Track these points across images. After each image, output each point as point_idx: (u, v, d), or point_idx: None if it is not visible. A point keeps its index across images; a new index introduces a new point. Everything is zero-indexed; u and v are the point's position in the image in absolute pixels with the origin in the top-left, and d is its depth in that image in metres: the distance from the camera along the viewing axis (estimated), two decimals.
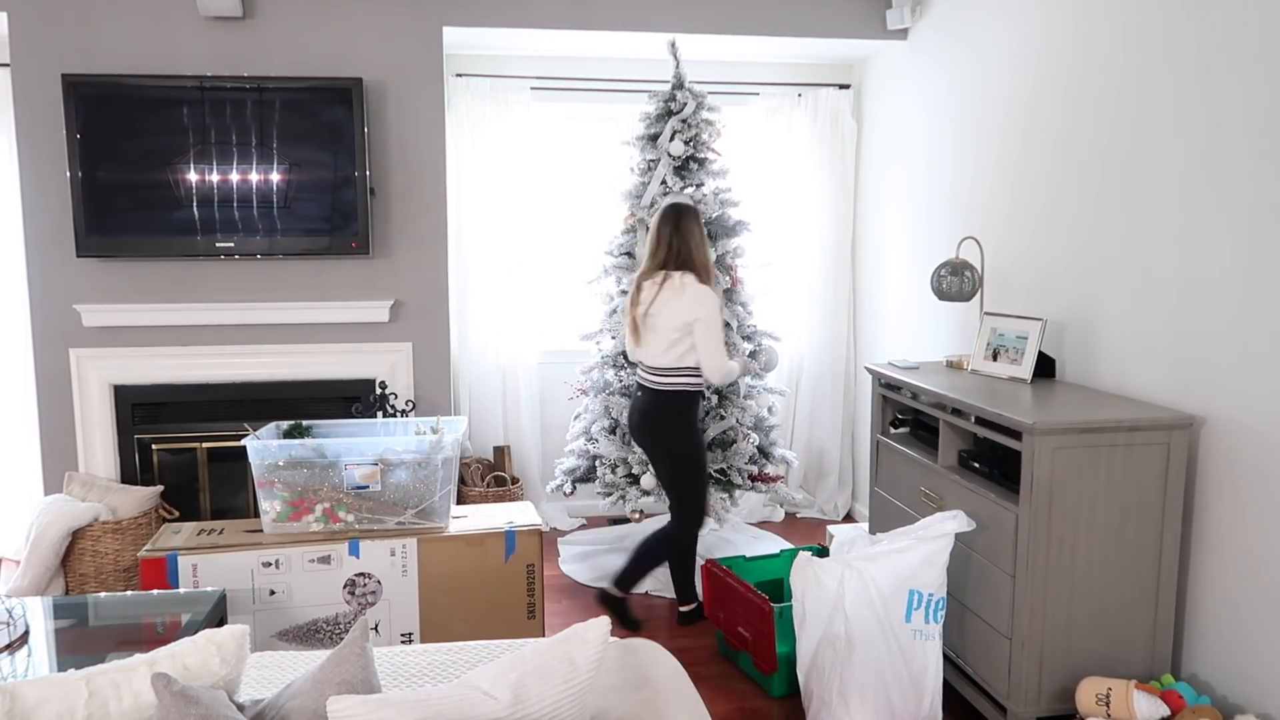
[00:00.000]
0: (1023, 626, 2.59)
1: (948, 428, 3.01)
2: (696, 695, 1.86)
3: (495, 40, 4.34)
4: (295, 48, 3.99)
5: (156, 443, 4.10)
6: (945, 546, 2.70)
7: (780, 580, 3.54)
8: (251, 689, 1.99)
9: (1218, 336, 2.58)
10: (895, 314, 4.52)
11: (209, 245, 3.88)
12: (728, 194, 4.16)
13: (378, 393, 4.01)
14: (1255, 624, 2.48)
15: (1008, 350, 3.19)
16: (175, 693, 1.39)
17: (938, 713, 2.75)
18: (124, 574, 3.72)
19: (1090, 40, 3.08)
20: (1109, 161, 2.99)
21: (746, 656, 3.24)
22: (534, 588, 3.29)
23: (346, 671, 1.51)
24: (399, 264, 4.16)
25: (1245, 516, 2.51)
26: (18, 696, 1.45)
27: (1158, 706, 2.43)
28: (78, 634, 2.45)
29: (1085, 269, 3.11)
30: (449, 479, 3.27)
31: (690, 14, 4.21)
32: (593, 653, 1.52)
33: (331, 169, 3.93)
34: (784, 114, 4.82)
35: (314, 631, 3.16)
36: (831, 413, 4.96)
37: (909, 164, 4.33)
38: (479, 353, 4.71)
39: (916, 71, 4.25)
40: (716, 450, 4.07)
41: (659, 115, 4.09)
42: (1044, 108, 3.32)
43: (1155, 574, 2.64)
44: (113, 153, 3.80)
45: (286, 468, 3.15)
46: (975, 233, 3.70)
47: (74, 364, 3.96)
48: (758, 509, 4.90)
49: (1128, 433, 2.56)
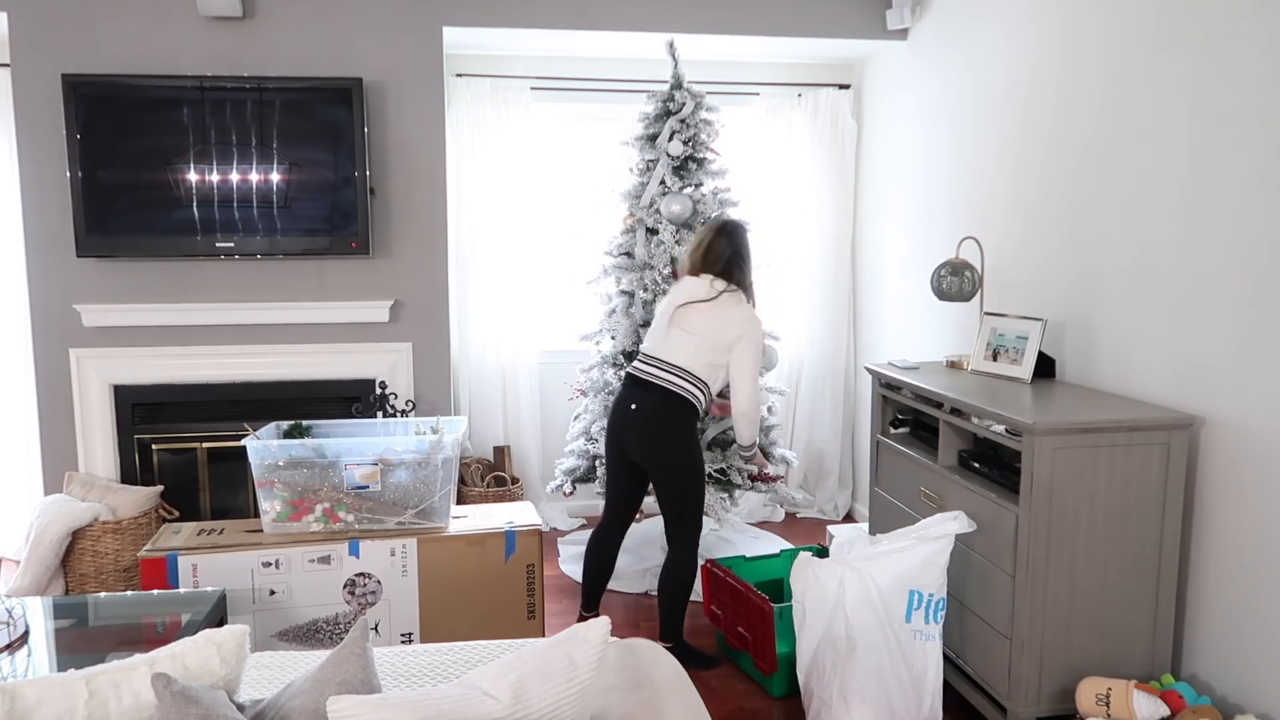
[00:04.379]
0: (1023, 626, 2.59)
1: (948, 428, 3.01)
2: (696, 695, 1.86)
3: (495, 40, 4.34)
4: (295, 48, 3.99)
5: (156, 443, 4.10)
6: (945, 547, 2.70)
7: (780, 580, 3.54)
8: (251, 689, 1.99)
9: (1218, 336, 2.58)
10: (895, 314, 4.52)
11: (209, 245, 3.88)
12: (727, 194, 4.16)
13: (378, 393, 4.01)
14: (1255, 624, 2.48)
15: (1008, 350, 3.19)
16: (175, 693, 1.39)
17: (938, 713, 2.75)
18: (124, 574, 3.72)
19: (1091, 39, 3.08)
20: (1109, 161, 2.99)
21: (746, 656, 3.24)
22: (534, 588, 3.29)
23: (346, 671, 1.51)
24: (399, 264, 4.16)
25: (1245, 516, 2.51)
26: (18, 696, 1.45)
27: (1158, 706, 2.43)
28: (78, 634, 2.45)
29: (1085, 269, 3.11)
30: (449, 479, 3.27)
31: (690, 14, 4.21)
32: (593, 653, 1.52)
33: (331, 169, 3.93)
34: (784, 114, 4.82)
35: (314, 631, 3.16)
36: (831, 413, 4.96)
37: (909, 164, 4.33)
38: (479, 353, 4.71)
39: (917, 72, 4.25)
40: (716, 450, 4.07)
41: (657, 115, 4.09)
42: (1044, 107, 3.32)
43: (1155, 574, 2.64)
44: (113, 153, 3.80)
45: (286, 468, 3.15)
46: (975, 233, 3.70)
47: (74, 364, 3.96)
48: (758, 509, 4.90)
49: (1128, 433, 2.56)
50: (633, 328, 4.04)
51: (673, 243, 3.98)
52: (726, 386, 3.32)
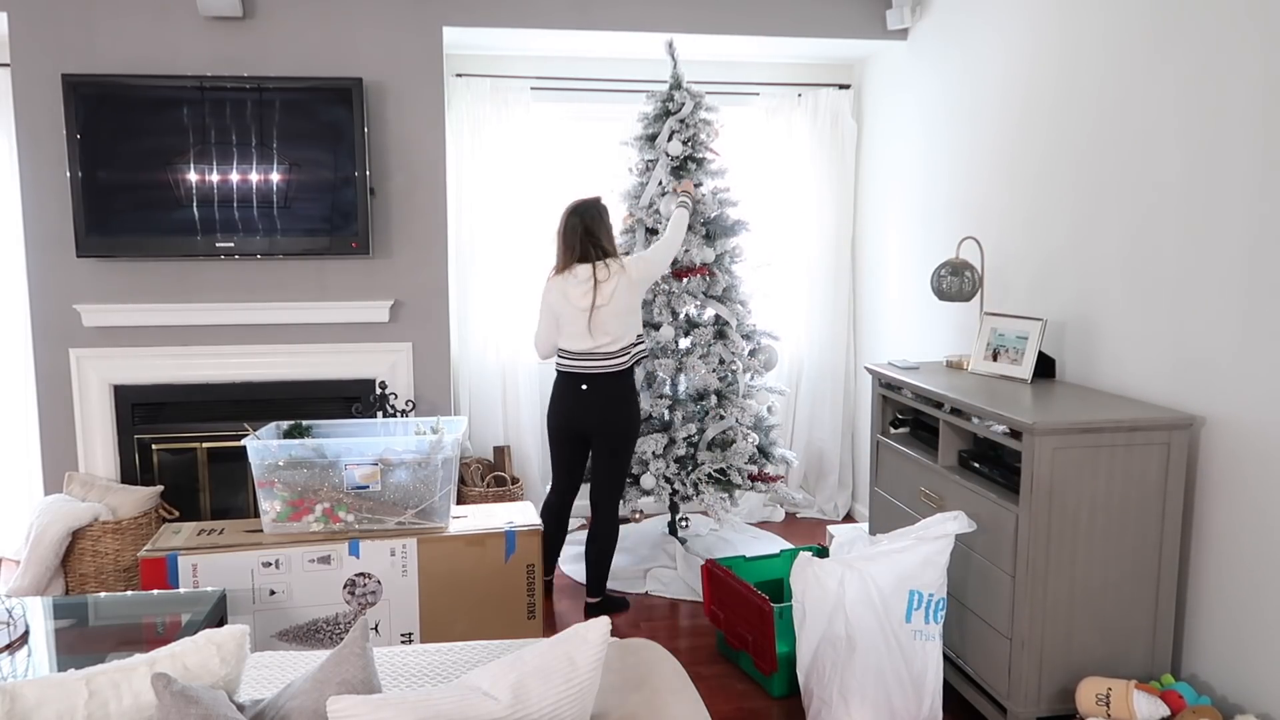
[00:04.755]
0: (1023, 626, 2.59)
1: (948, 428, 3.01)
2: (696, 695, 1.86)
3: (495, 40, 4.34)
4: (295, 48, 3.99)
5: (156, 443, 4.10)
6: (945, 547, 2.70)
7: (780, 580, 3.54)
8: (251, 689, 1.99)
9: (1218, 336, 2.58)
10: (895, 314, 4.52)
11: (209, 245, 3.88)
12: (726, 194, 4.16)
13: (378, 393, 4.01)
14: (1255, 624, 2.48)
15: (1008, 350, 3.19)
16: (175, 693, 1.39)
17: (938, 713, 2.75)
18: (124, 574, 3.72)
19: (1091, 39, 3.08)
20: (1109, 160, 2.99)
21: (746, 656, 3.24)
22: (534, 588, 3.29)
23: (346, 671, 1.51)
24: (399, 264, 4.16)
25: (1245, 516, 2.51)
26: (18, 696, 1.45)
27: (1158, 706, 2.43)
28: (78, 634, 2.45)
29: (1085, 269, 3.11)
30: (449, 479, 3.27)
31: (690, 14, 4.21)
32: (593, 653, 1.52)
33: (331, 169, 3.93)
34: (784, 114, 4.82)
35: (314, 631, 3.16)
36: (831, 413, 4.96)
37: (909, 164, 4.33)
38: (479, 353, 4.71)
39: (917, 71, 4.25)
40: (716, 450, 4.07)
41: (657, 115, 4.09)
42: (1044, 107, 3.32)
43: (1155, 574, 2.64)
44: (113, 153, 3.80)
45: (286, 468, 3.15)
46: (975, 232, 3.71)
47: (74, 364, 3.96)
48: (758, 509, 4.90)
49: (1128, 433, 2.56)
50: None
51: None
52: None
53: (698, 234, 4.06)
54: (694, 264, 4.06)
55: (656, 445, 4.01)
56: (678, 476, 4.03)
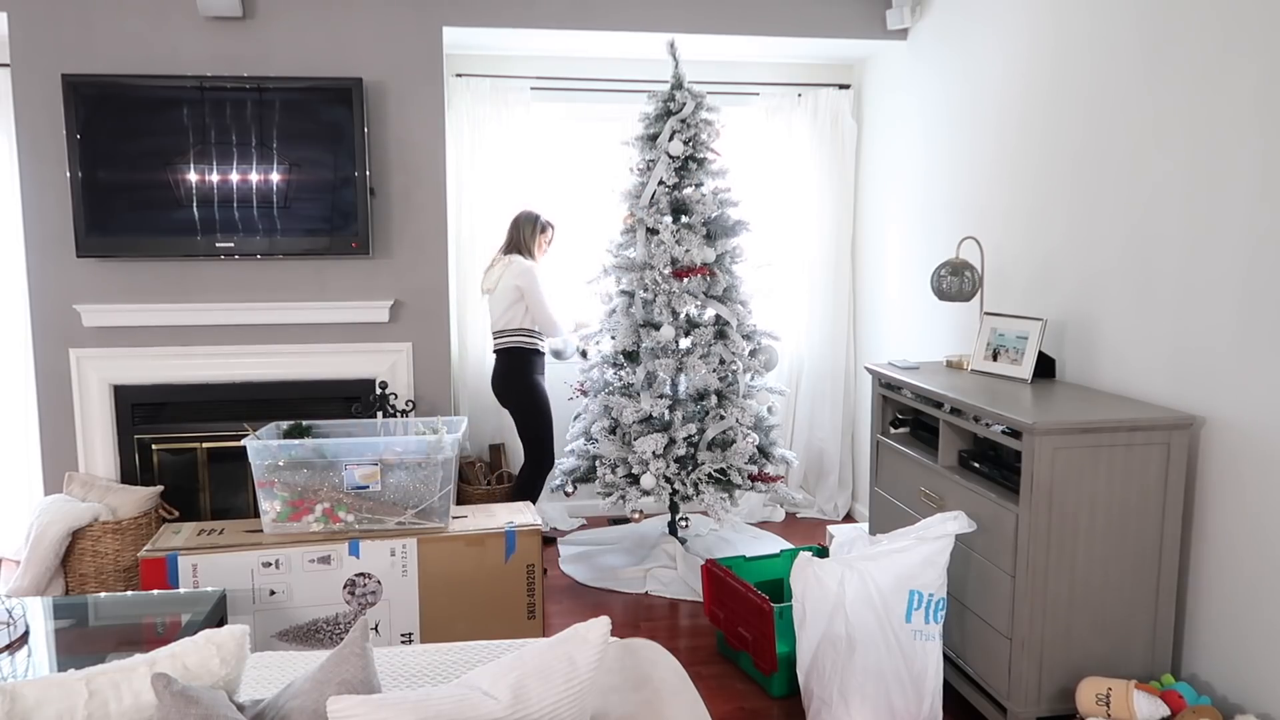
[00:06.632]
0: (1023, 626, 2.59)
1: (948, 428, 3.01)
2: (696, 695, 1.86)
3: (495, 40, 4.34)
4: (295, 48, 3.99)
5: (156, 443, 4.10)
6: (945, 547, 2.70)
7: (780, 580, 3.54)
8: (251, 689, 1.99)
9: (1218, 336, 2.58)
10: (895, 314, 4.52)
11: (209, 245, 3.88)
12: (727, 194, 4.15)
13: (378, 393, 4.01)
14: (1255, 624, 2.48)
15: (1008, 350, 3.19)
16: (175, 693, 1.39)
17: (938, 713, 2.75)
18: (124, 574, 3.72)
19: (1091, 39, 3.08)
20: (1110, 160, 2.99)
21: (746, 656, 3.24)
22: (534, 588, 3.30)
23: (346, 671, 1.51)
24: (399, 264, 4.16)
25: (1245, 516, 2.51)
26: (18, 696, 1.45)
27: (1158, 706, 2.43)
28: (78, 634, 2.45)
29: (1085, 269, 3.11)
30: (449, 479, 3.27)
31: (690, 14, 4.21)
32: (593, 653, 1.52)
33: (331, 169, 3.93)
34: (784, 114, 4.82)
35: (314, 631, 3.16)
36: (831, 413, 4.96)
37: (909, 164, 4.33)
38: (479, 353, 4.71)
39: (917, 72, 4.25)
40: (716, 450, 4.07)
41: (658, 115, 4.08)
42: (1044, 107, 3.32)
43: (1155, 574, 2.64)
44: (113, 153, 3.80)
45: (286, 468, 3.15)
46: (975, 233, 3.71)
47: (74, 364, 3.96)
48: (758, 509, 4.90)
49: (1128, 433, 2.56)
50: (633, 327, 4.04)
51: (673, 243, 3.97)
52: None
53: (698, 234, 4.06)
54: (694, 264, 4.05)
55: (656, 445, 4.01)
56: (678, 476, 4.03)
